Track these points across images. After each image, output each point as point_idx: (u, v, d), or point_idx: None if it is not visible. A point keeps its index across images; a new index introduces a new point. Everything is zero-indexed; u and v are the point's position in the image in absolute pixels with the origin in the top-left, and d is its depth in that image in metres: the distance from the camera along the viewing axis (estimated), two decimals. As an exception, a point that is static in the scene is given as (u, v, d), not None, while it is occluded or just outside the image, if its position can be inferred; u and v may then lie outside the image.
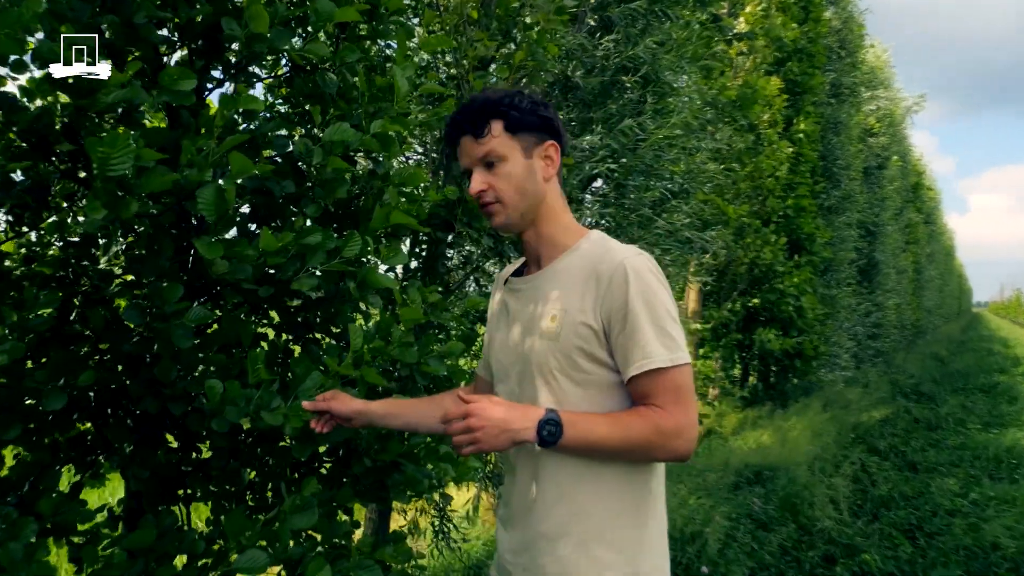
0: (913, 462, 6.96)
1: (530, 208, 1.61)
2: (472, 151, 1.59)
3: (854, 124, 10.94)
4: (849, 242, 10.37)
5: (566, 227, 1.64)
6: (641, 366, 1.44)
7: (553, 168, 1.63)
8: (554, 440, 1.40)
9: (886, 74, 15.63)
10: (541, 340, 1.56)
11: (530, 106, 1.59)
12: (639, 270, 1.47)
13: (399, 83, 2.21)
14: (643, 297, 1.45)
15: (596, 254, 1.54)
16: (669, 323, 1.47)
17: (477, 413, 1.41)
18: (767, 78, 6.62)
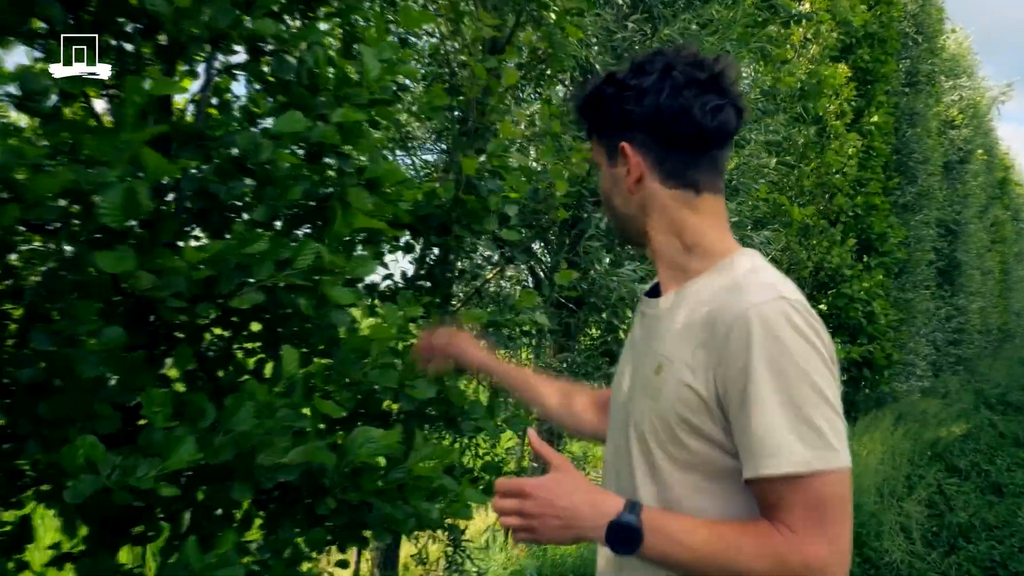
0: (998, 484, 6.33)
1: (626, 222, 1.31)
2: None
3: (932, 115, 10.19)
4: (927, 242, 9.63)
5: (692, 245, 1.24)
6: (760, 467, 1.05)
7: (633, 174, 1.25)
8: (628, 549, 1.09)
9: (969, 62, 14.64)
10: (642, 394, 1.22)
11: (609, 99, 1.25)
12: (772, 324, 1.06)
13: (368, 65, 1.91)
14: (773, 364, 1.05)
15: (725, 290, 1.15)
16: (814, 405, 1.04)
17: (536, 495, 1.11)
18: (834, 65, 6.10)
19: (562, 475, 1.14)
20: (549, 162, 2.68)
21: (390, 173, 1.99)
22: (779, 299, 1.09)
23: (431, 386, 2.16)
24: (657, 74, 1.21)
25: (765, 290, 1.11)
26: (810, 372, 1.05)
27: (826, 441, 1.03)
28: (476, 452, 3.20)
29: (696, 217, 1.25)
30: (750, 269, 1.18)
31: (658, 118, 1.21)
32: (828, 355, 1.09)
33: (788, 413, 1.03)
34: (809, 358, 1.06)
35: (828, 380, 1.07)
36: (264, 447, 1.66)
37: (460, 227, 2.40)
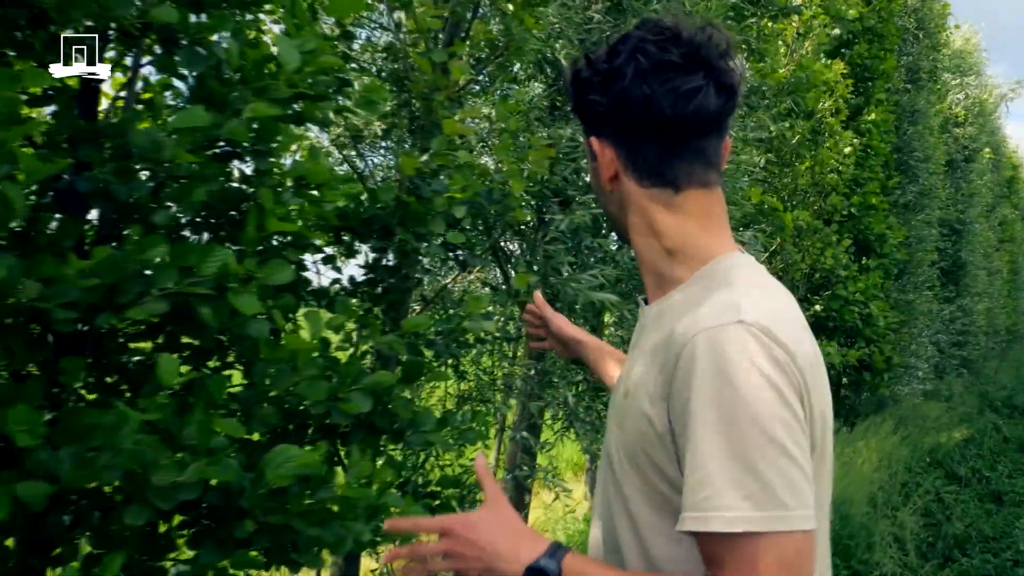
0: (998, 492, 6.15)
1: (614, 222, 1.20)
2: None
3: (935, 113, 9.99)
4: (929, 242, 9.42)
5: (673, 250, 1.09)
6: (687, 521, 0.91)
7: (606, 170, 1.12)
8: None
9: (976, 59, 14.39)
10: (612, 420, 1.13)
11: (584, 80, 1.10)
12: (720, 353, 0.91)
13: (286, 57, 1.77)
14: (716, 401, 0.90)
15: (699, 302, 1.00)
16: (764, 454, 0.88)
17: (459, 534, 1.03)
18: (828, 61, 5.93)
19: (490, 512, 1.06)
20: (505, 161, 2.54)
21: (314, 173, 1.86)
22: (735, 324, 0.92)
23: (367, 398, 2.04)
24: (624, 55, 1.05)
25: (722, 311, 0.95)
26: (762, 414, 0.88)
27: (773, 497, 0.86)
28: (438, 463, 3.07)
29: (676, 218, 1.08)
30: (725, 277, 1.03)
31: (623, 108, 1.06)
32: (794, 392, 0.92)
33: (730, 460, 0.88)
34: (763, 396, 0.89)
35: (788, 424, 0.89)
36: (156, 467, 1.54)
37: (403, 230, 2.27)
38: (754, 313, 0.94)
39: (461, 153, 2.29)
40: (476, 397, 3.27)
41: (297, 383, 1.90)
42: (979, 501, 5.88)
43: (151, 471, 1.50)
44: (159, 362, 1.43)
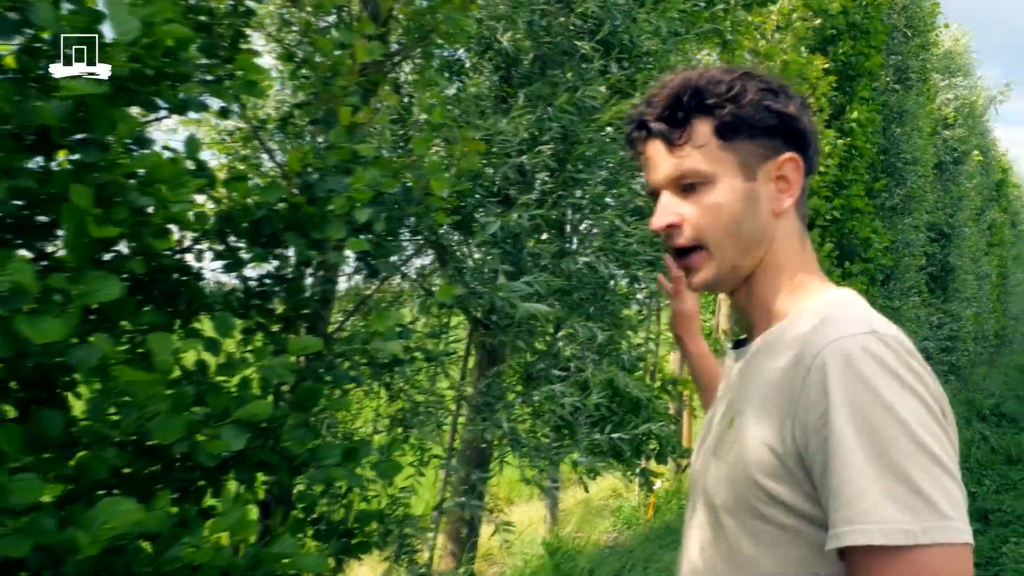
0: (984, 510, 5.86)
1: (747, 255, 1.08)
2: (661, 165, 1.08)
3: (924, 114, 9.71)
4: (916, 246, 9.15)
5: (795, 287, 1.08)
6: (844, 536, 0.85)
7: (791, 196, 1.07)
8: None
9: (965, 60, 14.15)
10: (713, 455, 1.07)
11: (759, 95, 1.06)
12: (854, 361, 0.88)
13: (118, 24, 1.45)
14: (858, 410, 0.86)
15: (810, 327, 0.97)
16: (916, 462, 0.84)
17: None
18: (810, 56, 5.63)
19: None
20: (425, 156, 2.22)
21: (159, 168, 1.53)
22: (868, 333, 0.90)
23: (240, 434, 1.72)
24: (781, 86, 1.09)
25: (852, 324, 0.93)
26: (909, 421, 0.85)
27: (933, 507, 0.82)
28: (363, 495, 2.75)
29: (806, 255, 1.11)
30: (840, 306, 1.01)
31: (807, 136, 1.09)
32: (936, 405, 0.89)
33: (881, 470, 0.84)
34: (907, 404, 0.86)
35: (936, 434, 0.86)
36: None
37: (293, 236, 1.95)
38: (887, 327, 0.93)
39: (364, 147, 1.97)
40: (420, 419, 2.94)
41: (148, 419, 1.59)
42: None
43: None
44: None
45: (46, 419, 1.51)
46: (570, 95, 2.63)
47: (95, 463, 1.58)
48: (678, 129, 1.05)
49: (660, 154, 1.07)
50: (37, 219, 1.54)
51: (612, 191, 2.77)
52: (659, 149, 1.07)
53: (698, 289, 1.12)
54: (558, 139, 2.64)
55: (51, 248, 1.61)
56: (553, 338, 3.17)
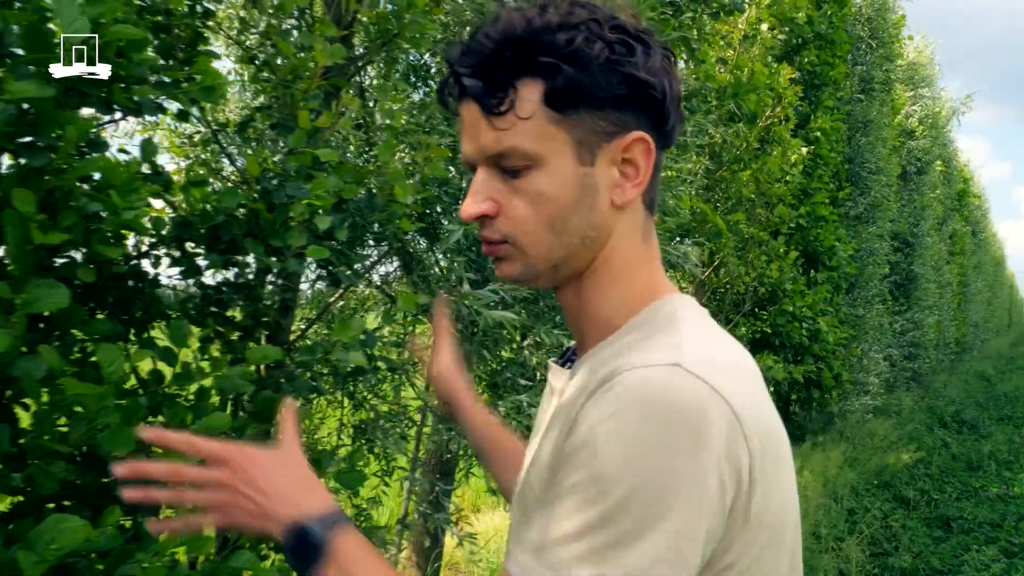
0: (947, 517, 5.92)
1: (573, 255, 0.87)
2: (479, 134, 0.84)
3: (888, 125, 9.86)
4: (880, 255, 9.28)
5: (630, 294, 0.89)
6: (512, 566, 0.76)
7: (637, 185, 0.86)
8: (300, 566, 0.81)
9: (929, 71, 14.41)
10: (516, 495, 0.93)
11: (608, 51, 0.79)
12: (635, 398, 0.72)
13: (68, 23, 1.40)
14: (612, 449, 0.71)
15: (619, 353, 0.81)
16: (640, 520, 0.69)
17: (237, 468, 0.85)
18: (776, 65, 5.69)
19: (280, 453, 0.89)
20: (389, 162, 2.18)
21: (109, 172, 1.48)
22: (671, 365, 0.74)
23: (196, 447, 1.66)
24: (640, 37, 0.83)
25: (655, 353, 0.76)
26: (659, 474, 0.69)
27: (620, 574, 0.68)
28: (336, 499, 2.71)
29: (649, 251, 0.91)
30: (669, 325, 0.83)
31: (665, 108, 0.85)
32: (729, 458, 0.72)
33: (595, 522, 0.70)
34: (668, 457, 0.70)
35: (684, 496, 0.70)
36: None
37: (252, 242, 1.90)
38: (698, 361, 0.75)
39: (325, 152, 1.93)
40: (383, 429, 2.89)
41: (96, 432, 1.53)
42: (927, 527, 5.64)
43: None
44: None
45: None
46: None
47: (43, 477, 1.52)
48: (498, 93, 0.81)
49: (476, 121, 0.84)
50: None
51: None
52: (477, 115, 0.83)
53: (507, 281, 0.91)
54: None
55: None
56: (519, 346, 3.14)
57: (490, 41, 0.81)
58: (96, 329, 1.67)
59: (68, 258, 1.59)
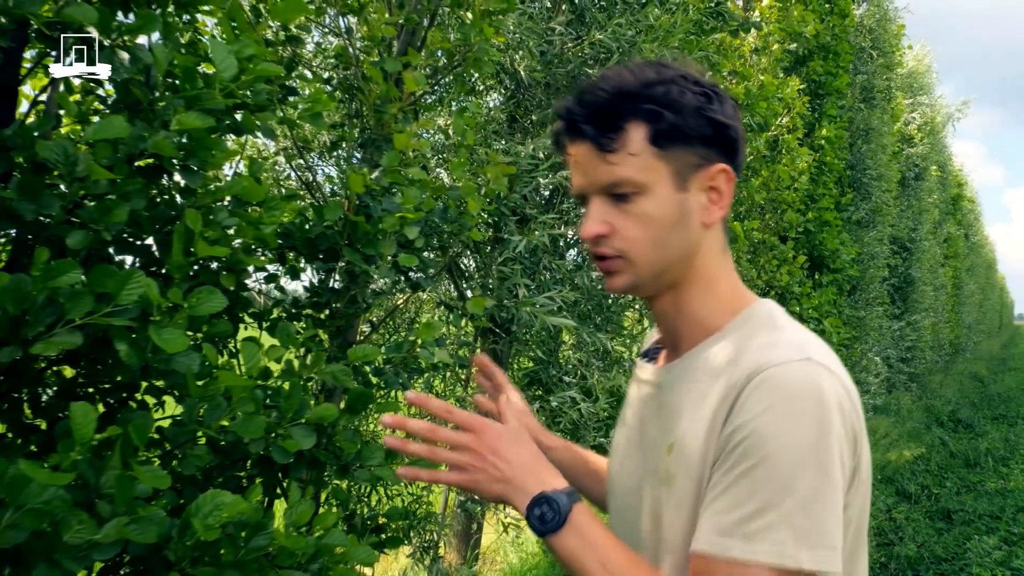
0: (948, 510, 6.18)
1: (672, 267, 1.06)
2: (592, 169, 1.03)
3: (889, 132, 10.12)
4: (880, 259, 9.54)
5: (721, 299, 1.09)
6: (708, 543, 0.91)
7: (721, 208, 1.06)
8: (543, 530, 0.96)
9: (928, 79, 14.69)
10: (655, 481, 1.05)
11: (696, 100, 1.01)
12: (792, 388, 0.91)
13: (220, 64, 1.61)
14: (781, 433, 0.89)
15: (748, 346, 0.99)
16: (811, 492, 0.87)
17: (486, 437, 1.01)
18: (785, 77, 5.93)
19: (517, 430, 1.03)
20: (461, 177, 2.40)
21: (250, 191, 1.70)
22: (803, 363, 0.93)
23: (309, 434, 1.88)
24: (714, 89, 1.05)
25: (786, 350, 0.95)
26: (819, 452, 0.88)
27: (823, 536, 0.87)
28: (387, 493, 2.92)
29: (728, 264, 1.11)
30: (770, 321, 1.04)
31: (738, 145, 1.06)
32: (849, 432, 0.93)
33: (779, 495, 0.87)
34: (823, 437, 0.89)
35: (837, 468, 0.90)
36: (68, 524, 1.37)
37: (351, 251, 2.11)
38: (819, 351, 0.96)
39: (413, 171, 2.15)
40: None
41: (232, 419, 1.74)
42: (929, 519, 5.89)
43: (63, 528, 1.34)
44: (73, 412, 1.26)
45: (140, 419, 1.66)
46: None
47: (187, 460, 1.73)
48: (612, 135, 1.00)
49: (591, 159, 1.03)
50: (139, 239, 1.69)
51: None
52: (590, 153, 1.02)
53: (616, 292, 1.10)
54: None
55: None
56: (556, 345, 3.36)
57: (605, 93, 1.01)
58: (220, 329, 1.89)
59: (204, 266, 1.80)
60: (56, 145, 1.42)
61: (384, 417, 1.06)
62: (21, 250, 1.63)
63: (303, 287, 2.39)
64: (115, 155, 1.47)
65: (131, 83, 1.62)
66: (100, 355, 1.77)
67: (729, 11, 4.08)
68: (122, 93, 1.64)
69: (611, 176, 1.01)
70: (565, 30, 2.94)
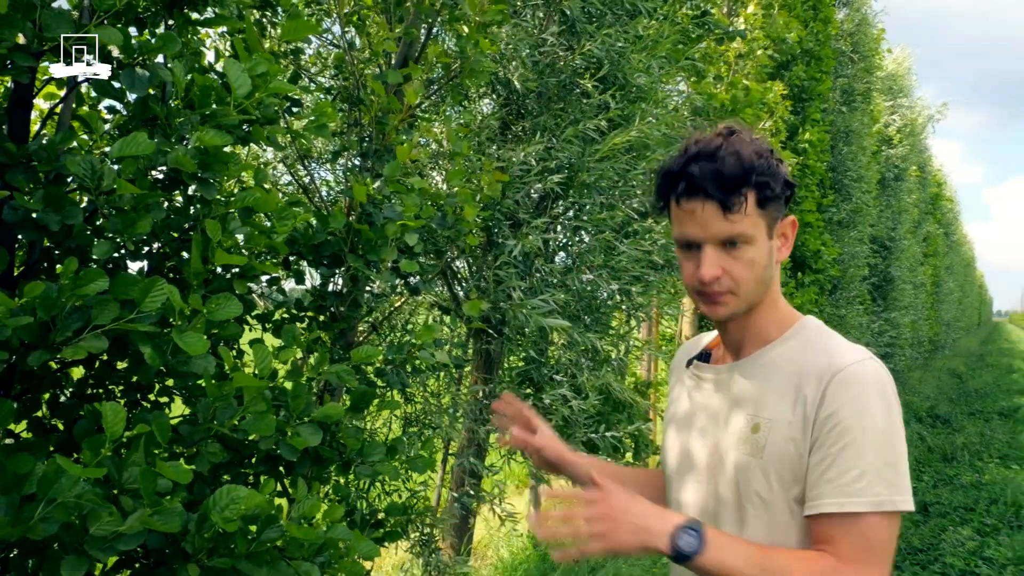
0: (924, 503, 6.35)
1: (760, 297, 1.36)
2: (712, 225, 1.28)
3: (869, 134, 10.31)
4: (860, 258, 9.72)
5: (779, 316, 1.40)
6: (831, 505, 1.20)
7: (788, 248, 1.39)
8: (691, 554, 1.17)
9: (907, 81, 14.92)
10: (740, 452, 1.33)
11: (782, 170, 1.33)
12: (867, 382, 1.24)
13: (236, 82, 1.70)
14: (866, 415, 1.22)
15: (813, 350, 1.32)
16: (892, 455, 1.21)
17: (611, 501, 1.19)
18: (769, 83, 6.05)
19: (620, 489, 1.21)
20: (458, 185, 2.50)
21: (263, 202, 1.79)
22: (872, 360, 1.27)
23: (316, 432, 1.98)
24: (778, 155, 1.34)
25: (856, 352, 1.28)
26: (892, 427, 1.22)
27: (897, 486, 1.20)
28: (384, 489, 3.01)
29: (778, 285, 1.40)
30: (824, 332, 1.35)
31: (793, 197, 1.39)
32: (899, 414, 1.26)
33: (872, 458, 1.19)
34: (892, 414, 1.23)
35: (902, 435, 1.25)
36: (96, 517, 1.46)
37: (354, 257, 2.21)
38: (875, 356, 1.29)
39: (414, 180, 2.24)
40: (424, 421, 3.21)
41: (243, 418, 1.83)
42: (907, 512, 6.04)
43: (90, 521, 1.42)
44: (104, 411, 1.35)
45: (158, 418, 1.75)
46: (574, 128, 2.94)
47: (202, 457, 1.82)
48: (737, 200, 1.25)
49: (712, 215, 1.27)
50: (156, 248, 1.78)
51: (609, 213, 3.10)
52: (711, 211, 1.26)
53: (719, 319, 1.37)
54: (564, 167, 2.95)
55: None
56: (547, 345, 3.46)
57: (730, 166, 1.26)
58: (231, 332, 1.98)
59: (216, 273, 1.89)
60: (84, 160, 1.50)
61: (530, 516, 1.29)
62: (44, 257, 1.71)
63: (305, 290, 2.48)
64: (137, 169, 1.56)
65: (149, 99, 1.70)
66: (115, 358, 1.86)
67: (714, 20, 4.19)
68: (139, 109, 1.73)
69: (730, 231, 1.27)
70: (556, 40, 3.04)
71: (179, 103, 1.68)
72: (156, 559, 1.82)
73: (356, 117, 2.50)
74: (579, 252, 3.09)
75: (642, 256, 3.17)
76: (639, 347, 4.23)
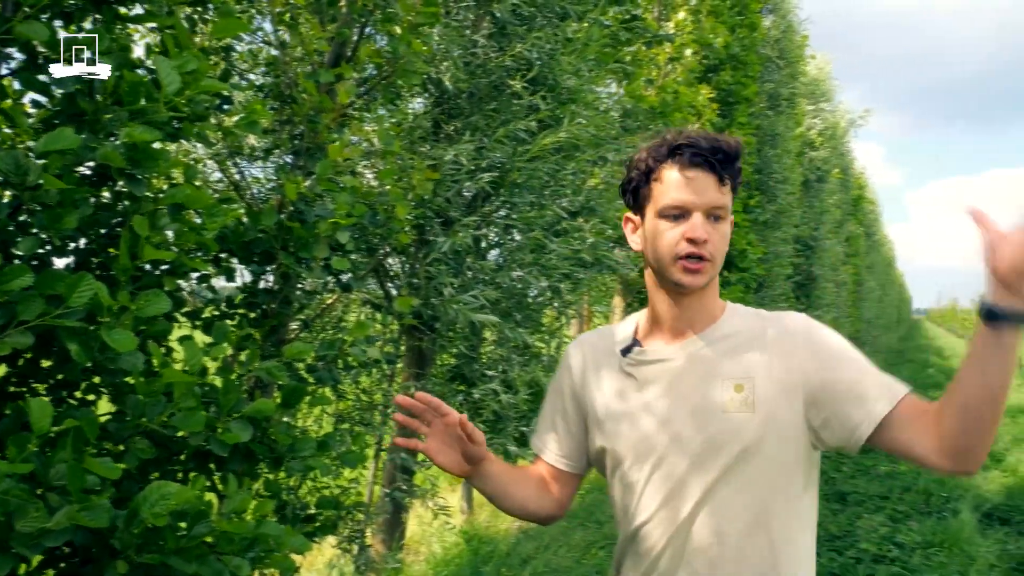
0: (842, 492, 6.64)
1: (717, 273, 1.48)
2: (707, 193, 1.40)
3: (793, 137, 10.67)
4: (785, 257, 10.08)
5: (717, 298, 1.52)
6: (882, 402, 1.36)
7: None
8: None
9: (828, 86, 15.49)
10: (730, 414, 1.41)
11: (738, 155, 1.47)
12: (812, 323, 1.47)
13: (165, 79, 1.71)
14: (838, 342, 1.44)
15: (759, 317, 1.49)
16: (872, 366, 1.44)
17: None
18: (696, 86, 6.23)
19: None
20: (389, 183, 2.53)
21: (193, 198, 1.80)
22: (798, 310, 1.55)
23: (246, 428, 1.99)
24: None
25: (788, 311, 1.50)
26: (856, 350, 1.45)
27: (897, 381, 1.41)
28: (315, 484, 3.02)
29: None
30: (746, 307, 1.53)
31: None
32: None
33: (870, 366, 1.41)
34: None
35: None
36: (22, 513, 1.46)
37: (285, 254, 2.22)
38: None
39: (346, 178, 2.27)
40: (356, 417, 3.24)
41: (173, 414, 1.84)
42: (826, 501, 6.31)
43: (16, 517, 1.42)
44: (31, 407, 1.35)
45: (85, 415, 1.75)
46: (505, 128, 3.01)
47: (130, 454, 1.82)
48: (730, 174, 1.40)
49: (708, 184, 1.39)
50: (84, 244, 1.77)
51: (539, 212, 3.18)
52: (708, 181, 1.39)
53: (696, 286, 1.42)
54: (496, 167, 3.01)
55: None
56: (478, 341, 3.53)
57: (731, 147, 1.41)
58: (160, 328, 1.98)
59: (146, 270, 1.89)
60: (8, 155, 1.50)
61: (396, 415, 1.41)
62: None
63: (236, 288, 2.48)
64: (64, 165, 1.56)
65: (76, 94, 1.70)
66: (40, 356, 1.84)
67: (643, 24, 4.32)
68: (66, 104, 1.72)
69: (721, 202, 1.40)
70: (487, 42, 3.09)
71: (107, 99, 1.67)
72: (83, 557, 1.82)
73: (288, 115, 2.52)
74: (510, 250, 3.16)
75: (572, 254, 3.26)
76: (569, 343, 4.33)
